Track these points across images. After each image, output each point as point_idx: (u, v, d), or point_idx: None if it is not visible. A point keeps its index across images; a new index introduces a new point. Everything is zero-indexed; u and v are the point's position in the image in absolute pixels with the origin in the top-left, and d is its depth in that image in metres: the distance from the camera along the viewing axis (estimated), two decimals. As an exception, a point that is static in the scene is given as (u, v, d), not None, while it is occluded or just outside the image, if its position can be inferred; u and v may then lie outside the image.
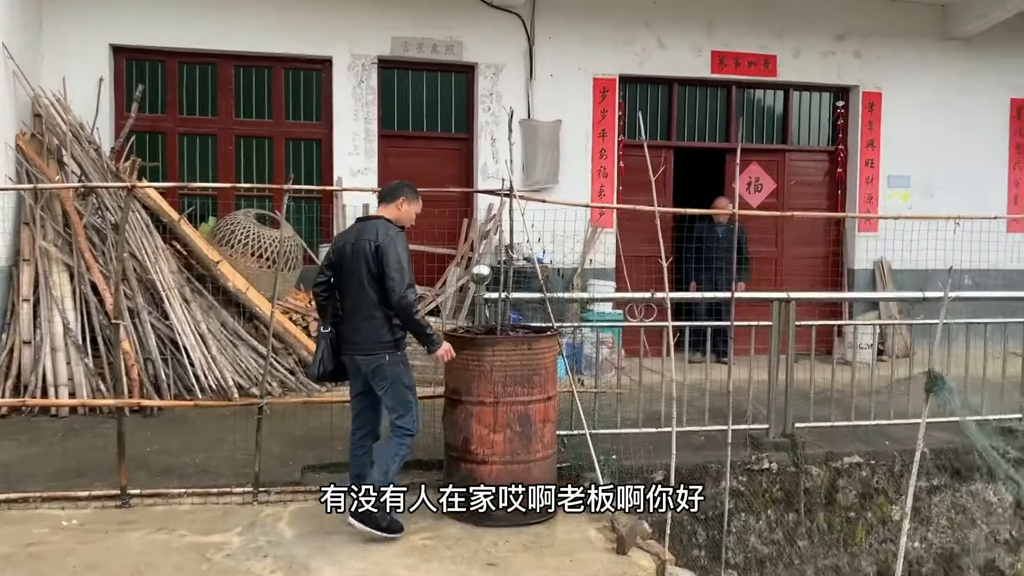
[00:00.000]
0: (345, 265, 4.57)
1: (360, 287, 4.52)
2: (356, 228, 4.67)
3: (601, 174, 9.39)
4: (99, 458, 5.48)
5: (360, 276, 4.51)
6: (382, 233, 4.55)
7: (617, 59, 9.41)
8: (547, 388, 4.90)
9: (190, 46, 8.55)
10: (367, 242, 4.51)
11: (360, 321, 4.55)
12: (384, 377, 4.61)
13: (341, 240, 4.71)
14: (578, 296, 5.82)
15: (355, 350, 4.62)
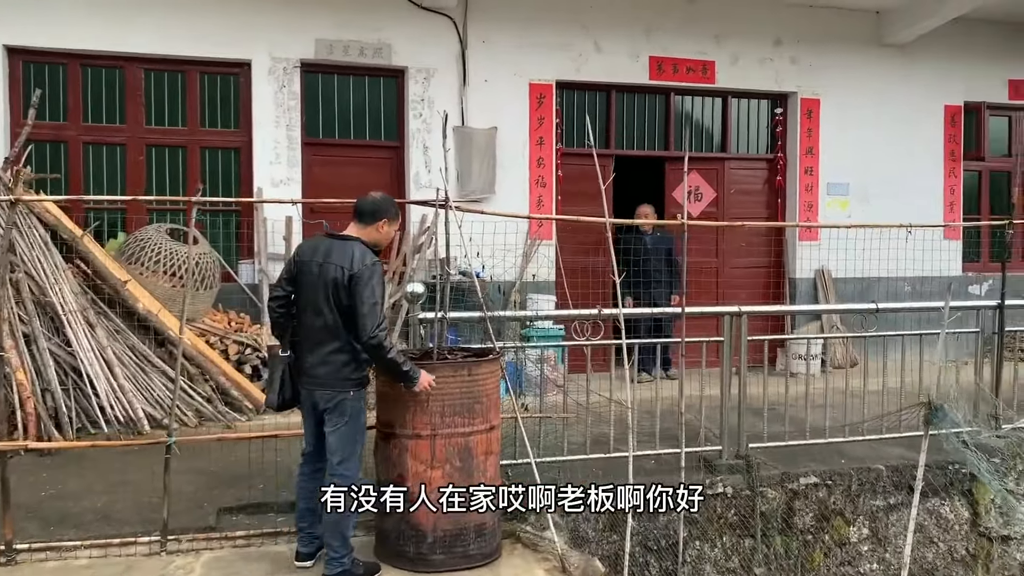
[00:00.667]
0: (307, 283, 4.06)
1: (320, 314, 4.01)
2: (326, 246, 4.07)
3: (539, 184, 9.02)
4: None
5: (320, 302, 3.99)
6: (358, 261, 3.99)
7: (554, 64, 9.07)
8: (489, 417, 4.47)
9: (95, 48, 7.88)
10: (338, 268, 3.96)
11: (326, 354, 4.03)
12: (343, 414, 4.08)
13: (307, 254, 4.11)
14: (522, 314, 5.39)
15: (314, 384, 4.09)
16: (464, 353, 4.82)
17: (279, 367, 4.16)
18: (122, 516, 4.87)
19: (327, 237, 4.15)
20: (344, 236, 4.15)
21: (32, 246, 6.75)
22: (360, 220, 4.18)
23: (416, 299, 4.94)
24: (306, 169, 8.50)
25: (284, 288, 4.17)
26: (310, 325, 4.05)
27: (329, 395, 4.05)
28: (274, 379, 4.17)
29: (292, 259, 4.18)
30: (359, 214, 4.19)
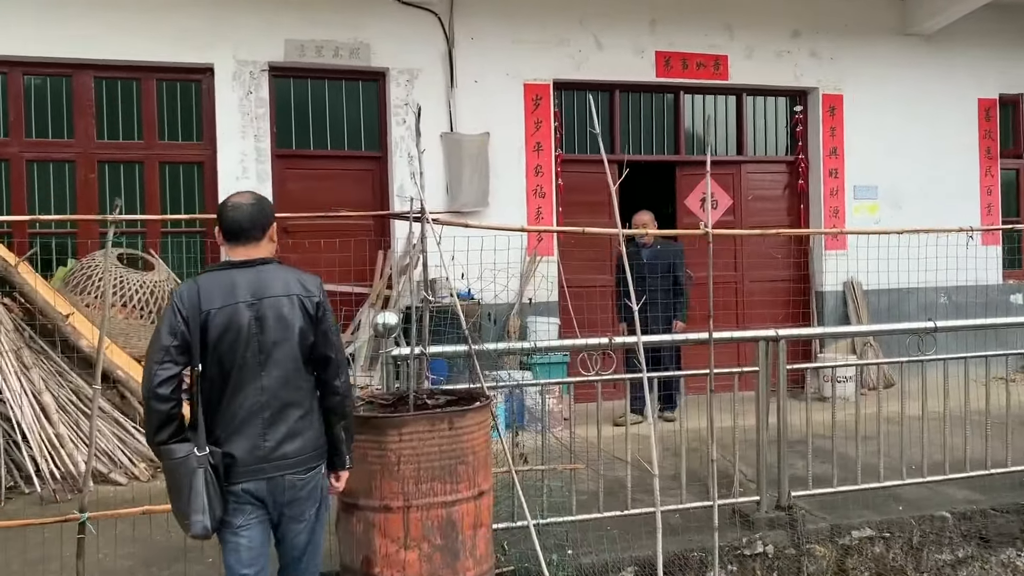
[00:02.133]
0: (240, 338, 2.85)
1: (276, 373, 2.92)
2: (247, 280, 2.90)
3: (538, 194, 8.15)
4: None
5: (275, 356, 2.91)
6: (311, 284, 3.03)
7: (550, 62, 8.22)
8: (478, 480, 3.57)
9: (39, 54, 7.05)
10: (295, 300, 2.94)
11: (294, 423, 2.95)
12: (317, 498, 3.07)
13: (218, 298, 2.85)
14: (516, 347, 4.50)
15: (284, 467, 2.93)
16: (447, 397, 3.93)
17: (198, 474, 2.78)
18: (33, 607, 3.97)
19: (230, 269, 2.96)
20: (255, 261, 2.98)
21: (-43, 277, 5.90)
22: (250, 238, 2.98)
23: (388, 332, 4.06)
24: (278, 184, 7.64)
25: (175, 362, 2.80)
26: (260, 392, 2.89)
27: (302, 479, 2.97)
28: (195, 493, 2.78)
29: (180, 316, 2.80)
30: (246, 230, 2.97)
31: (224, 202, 3.04)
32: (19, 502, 5.52)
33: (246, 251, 2.98)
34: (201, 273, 2.99)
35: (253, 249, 2.99)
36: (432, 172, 7.76)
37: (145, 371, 2.80)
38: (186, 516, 2.80)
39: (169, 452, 2.79)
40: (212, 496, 2.79)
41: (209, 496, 2.78)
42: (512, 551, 4.25)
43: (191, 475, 2.76)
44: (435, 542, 3.44)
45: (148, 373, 2.77)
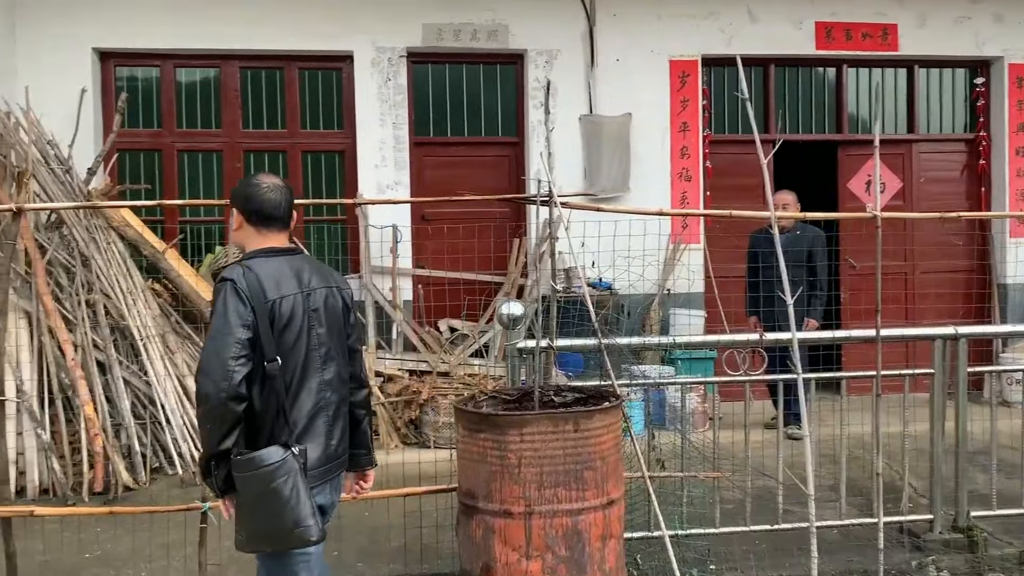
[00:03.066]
0: (301, 328, 2.64)
1: (343, 362, 2.79)
2: (296, 268, 2.69)
3: (683, 177, 7.67)
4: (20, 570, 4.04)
5: (343, 345, 2.80)
6: (339, 276, 2.92)
7: (698, 37, 7.71)
8: (607, 488, 3.24)
9: (188, 46, 7.25)
10: (338, 292, 2.80)
11: (342, 419, 2.78)
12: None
13: (284, 285, 2.61)
14: (652, 341, 4.13)
15: (340, 464, 2.80)
16: (574, 395, 3.62)
17: (300, 476, 2.52)
18: (163, 593, 3.99)
19: (279, 256, 2.70)
20: (292, 250, 2.78)
21: (110, 263, 6.12)
22: (285, 223, 2.75)
23: (512, 324, 3.79)
24: (415, 171, 7.54)
25: (250, 357, 2.50)
26: (323, 388, 2.69)
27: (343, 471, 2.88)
28: (302, 497, 2.50)
29: (248, 306, 2.51)
30: (285, 214, 2.74)
31: (256, 183, 2.73)
32: (162, 483, 5.67)
33: (280, 237, 2.74)
34: (246, 259, 2.66)
35: (285, 235, 2.76)
36: (570, 156, 7.46)
37: (216, 369, 2.43)
38: (299, 524, 2.47)
39: (258, 460, 2.45)
40: (311, 501, 2.53)
41: (311, 501, 2.52)
42: (647, 564, 3.91)
43: (294, 477, 2.48)
44: (559, 553, 3.14)
45: (222, 371, 2.42)
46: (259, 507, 2.46)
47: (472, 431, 3.27)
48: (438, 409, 6.36)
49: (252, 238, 2.72)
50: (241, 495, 2.50)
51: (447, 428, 6.33)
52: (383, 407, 6.58)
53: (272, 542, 2.53)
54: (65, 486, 5.40)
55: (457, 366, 6.87)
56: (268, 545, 2.56)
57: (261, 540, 2.54)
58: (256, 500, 2.47)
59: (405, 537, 4.45)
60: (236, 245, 2.77)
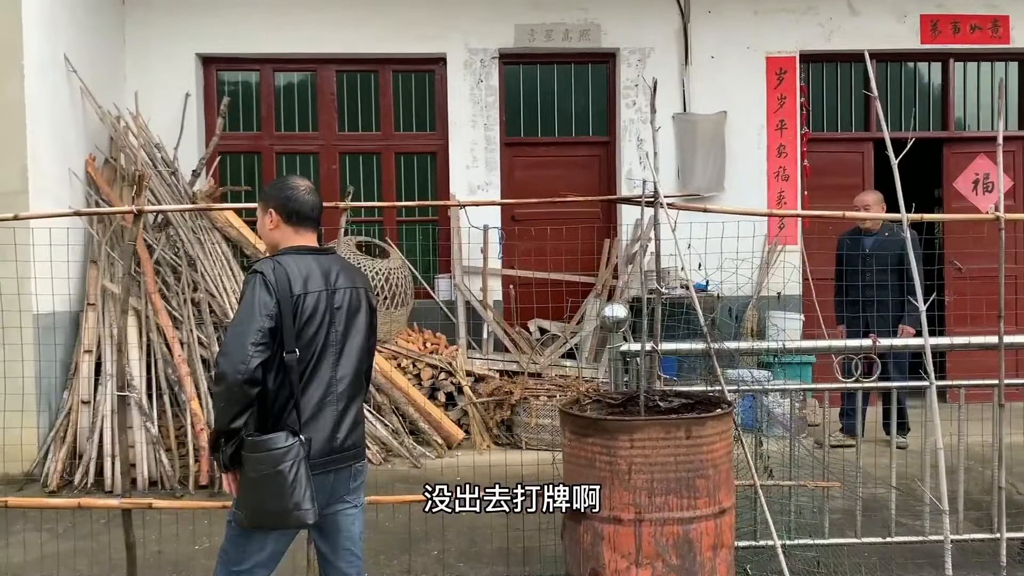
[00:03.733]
0: (322, 322, 2.75)
1: (350, 361, 2.82)
2: (325, 266, 2.80)
3: (780, 176, 7.48)
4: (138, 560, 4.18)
5: (360, 343, 2.86)
6: (366, 277, 3.06)
7: (796, 32, 7.51)
8: (719, 497, 3.17)
9: (286, 51, 7.42)
10: (363, 293, 2.89)
11: (357, 412, 2.88)
12: (365, 486, 3.00)
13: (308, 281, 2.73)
14: (762, 346, 4.03)
15: (346, 459, 2.82)
16: (681, 400, 3.55)
17: (304, 462, 2.63)
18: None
19: (309, 254, 2.81)
20: (326, 249, 2.94)
21: (215, 263, 6.31)
22: (317, 223, 2.91)
23: (616, 326, 3.75)
24: (506, 172, 7.57)
25: (270, 345, 2.62)
26: (335, 383, 2.78)
27: (359, 468, 2.91)
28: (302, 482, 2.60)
29: (274, 297, 2.64)
30: (317, 216, 2.90)
31: (293, 185, 2.86)
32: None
33: (311, 237, 2.87)
34: (278, 255, 2.78)
35: (312, 234, 2.88)
36: (663, 155, 7.34)
37: (234, 351, 2.56)
38: (297, 506, 2.59)
39: (268, 443, 2.58)
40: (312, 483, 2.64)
41: (311, 483, 2.64)
42: (755, 574, 3.81)
43: (297, 463, 2.59)
44: (670, 561, 3.09)
45: (240, 353, 2.55)
46: (263, 487, 2.59)
47: (580, 435, 3.24)
48: (530, 410, 6.35)
49: (288, 237, 2.84)
50: (248, 474, 2.63)
51: (540, 429, 6.32)
52: (475, 407, 6.61)
53: (272, 520, 2.65)
54: (173, 479, 5.59)
55: (548, 367, 6.85)
56: (267, 523, 2.67)
57: (262, 518, 2.66)
58: (261, 480, 2.59)
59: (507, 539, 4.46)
60: (269, 243, 2.88)
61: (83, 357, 5.98)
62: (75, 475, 5.65)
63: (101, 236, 6.25)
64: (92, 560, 4.33)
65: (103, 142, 6.73)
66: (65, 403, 5.95)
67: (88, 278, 6.21)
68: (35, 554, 4.44)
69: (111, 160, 6.69)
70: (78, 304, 6.21)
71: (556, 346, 6.98)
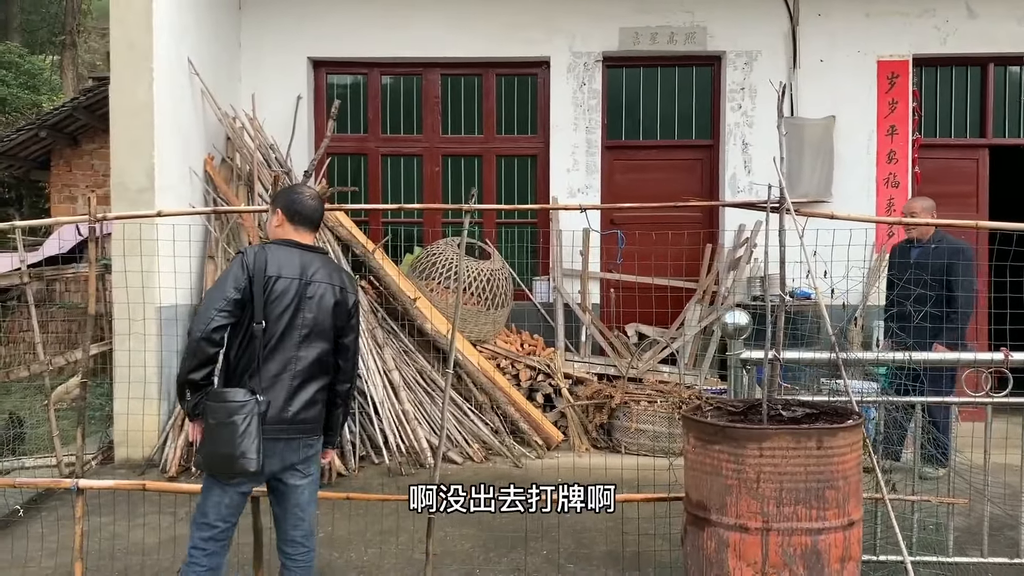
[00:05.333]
0: (290, 305, 3.11)
1: (313, 344, 3.18)
2: (306, 261, 3.17)
3: (890, 183, 7.29)
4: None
5: (315, 329, 3.18)
6: (352, 283, 3.39)
7: (910, 36, 7.32)
8: (848, 508, 3.13)
9: (393, 54, 7.60)
10: (338, 291, 3.25)
11: (315, 392, 3.21)
12: (317, 464, 3.33)
13: (282, 268, 3.11)
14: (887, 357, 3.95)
15: (296, 431, 3.14)
16: (805, 410, 3.51)
17: (255, 418, 2.98)
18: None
19: (295, 248, 3.20)
20: (315, 247, 3.29)
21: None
22: (315, 227, 3.32)
23: (738, 333, 3.73)
24: (606, 176, 7.58)
25: (234, 314, 3.04)
26: (294, 362, 3.14)
27: (309, 441, 3.23)
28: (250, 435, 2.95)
29: (246, 274, 3.07)
30: (319, 220, 3.34)
31: (300, 191, 3.30)
32: (369, 471, 5.96)
33: (306, 235, 3.26)
34: (269, 243, 3.21)
35: (310, 235, 3.28)
36: (768, 159, 7.25)
37: (202, 313, 3.01)
38: (242, 455, 2.93)
39: (225, 395, 2.98)
40: (261, 439, 2.98)
41: (260, 438, 2.98)
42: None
43: (250, 417, 2.95)
44: (797, 572, 3.06)
45: (205, 316, 2.98)
46: (218, 433, 2.96)
47: (705, 442, 3.24)
48: (631, 415, 6.34)
49: (288, 234, 3.24)
50: (208, 420, 3.00)
51: (640, 434, 6.31)
52: (573, 410, 6.64)
53: (220, 464, 3.00)
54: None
55: (646, 372, 6.83)
56: (216, 466, 3.03)
57: (212, 462, 3.02)
58: (217, 427, 2.96)
59: (609, 542, 4.48)
60: (273, 238, 3.29)
61: (201, 349, 6.23)
62: (192, 462, 5.89)
63: (218, 233, 6.51)
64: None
65: (220, 142, 7.02)
66: (184, 393, 6.21)
67: (206, 272, 6.48)
68: (163, 536, 4.66)
69: (228, 159, 6.96)
70: (196, 297, 6.47)
71: (656, 351, 6.96)
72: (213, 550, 3.14)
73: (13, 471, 5.58)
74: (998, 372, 3.87)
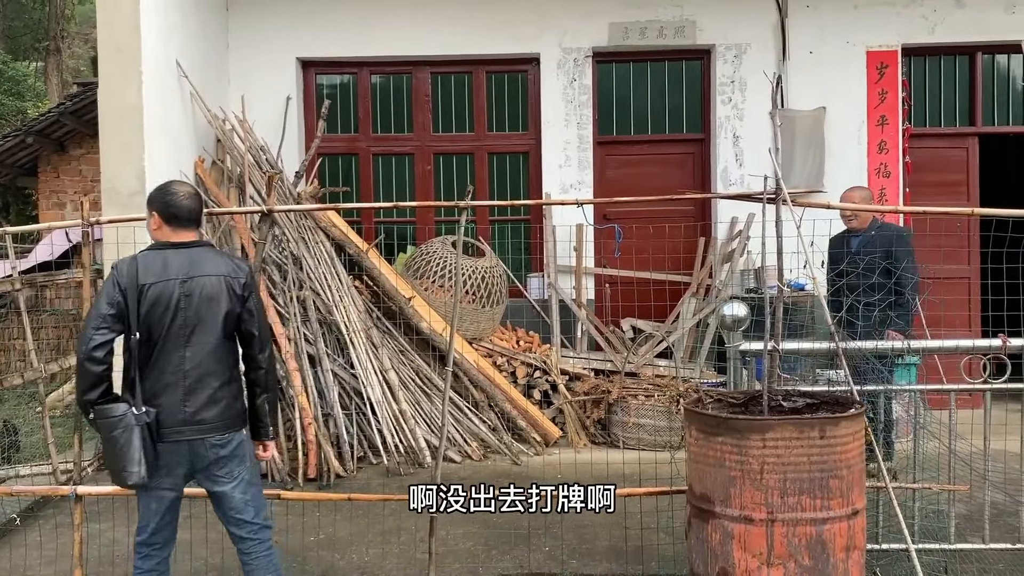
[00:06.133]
0: (169, 310, 3.05)
1: (202, 344, 3.11)
2: (180, 260, 3.10)
3: (881, 173, 7.31)
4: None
5: (216, 328, 3.13)
6: (240, 264, 3.27)
7: (898, 25, 7.34)
8: (852, 497, 3.13)
9: (382, 53, 7.57)
10: (224, 280, 3.15)
11: (215, 391, 3.13)
12: (243, 458, 3.24)
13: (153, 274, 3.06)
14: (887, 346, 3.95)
15: (204, 430, 3.11)
16: (805, 400, 3.51)
17: (135, 431, 2.99)
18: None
19: (165, 249, 3.13)
20: (190, 243, 3.18)
21: (319, 262, 6.47)
22: (191, 224, 3.19)
23: (737, 325, 3.72)
24: (598, 171, 7.57)
25: (113, 328, 3.02)
26: (182, 362, 3.09)
27: (224, 440, 3.16)
28: (132, 448, 2.98)
29: (119, 288, 3.04)
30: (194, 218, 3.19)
31: (170, 190, 3.17)
32: (368, 471, 5.94)
33: (185, 235, 3.17)
34: (143, 250, 3.19)
35: (190, 233, 3.18)
36: (759, 152, 7.27)
37: (82, 335, 3.02)
38: (123, 468, 2.98)
39: (106, 411, 2.98)
40: (147, 449, 3.00)
41: (145, 449, 2.99)
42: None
43: (129, 431, 2.97)
44: (802, 562, 3.06)
45: (85, 337, 2.99)
46: (106, 448, 3.04)
47: (708, 434, 3.24)
48: (628, 409, 6.34)
49: (167, 236, 3.17)
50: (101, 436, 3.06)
51: (638, 429, 6.31)
52: (571, 406, 6.64)
53: (113, 478, 3.09)
54: (283, 471, 5.75)
55: (643, 366, 6.83)
56: (112, 479, 3.12)
57: (111, 474, 3.10)
58: (105, 442, 3.03)
59: (611, 537, 4.48)
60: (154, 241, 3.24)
61: (196, 352, 6.19)
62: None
63: (210, 235, 6.47)
64: (216, 548, 4.49)
65: (210, 144, 6.98)
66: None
67: (199, 276, 6.43)
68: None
69: (218, 162, 6.92)
70: (189, 301, 6.43)
71: (651, 345, 6.96)
72: (146, 553, 3.20)
73: (8, 479, 5.54)
74: (996, 358, 3.88)
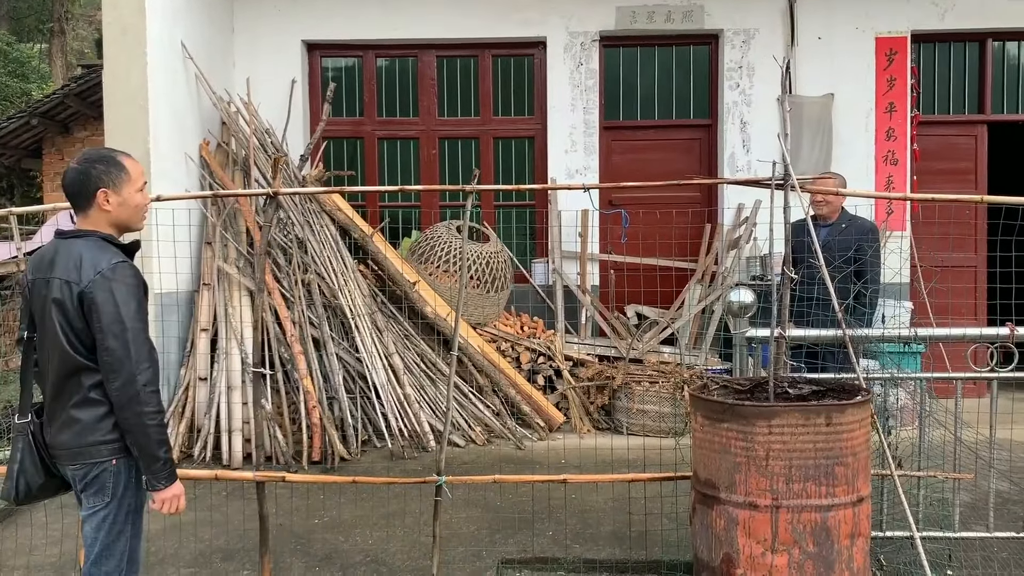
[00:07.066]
0: (36, 312, 2.66)
1: (61, 358, 2.59)
2: (51, 253, 2.65)
3: (888, 160, 7.27)
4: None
5: (55, 336, 2.58)
6: (88, 267, 2.56)
7: (908, 11, 7.27)
8: (857, 485, 3.12)
9: (388, 36, 7.52)
10: (63, 284, 2.56)
11: (72, 410, 2.60)
12: (103, 492, 2.62)
13: (35, 268, 2.68)
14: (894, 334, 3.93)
15: (62, 455, 2.65)
16: (811, 387, 3.50)
17: (16, 440, 2.70)
18: (392, 561, 4.17)
19: (57, 239, 2.70)
20: (73, 233, 2.68)
21: (324, 246, 6.46)
22: (77, 207, 2.67)
23: (743, 311, 3.71)
24: (604, 156, 7.54)
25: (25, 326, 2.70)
26: (42, 376, 2.69)
27: (81, 468, 2.61)
28: (12, 459, 2.69)
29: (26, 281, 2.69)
30: (72, 196, 2.67)
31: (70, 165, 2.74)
32: (372, 455, 5.95)
33: (79, 221, 2.69)
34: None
35: (82, 219, 2.68)
36: (767, 138, 7.23)
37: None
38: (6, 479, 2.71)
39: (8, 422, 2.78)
40: (28, 464, 2.66)
41: (22, 464, 2.66)
42: (890, 565, 3.75)
43: (17, 441, 2.71)
44: (807, 549, 3.06)
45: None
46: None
47: (714, 421, 3.23)
48: (632, 395, 6.34)
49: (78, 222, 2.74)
50: None
51: (641, 415, 6.31)
52: (574, 391, 6.64)
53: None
54: (287, 454, 5.76)
55: (647, 353, 6.82)
56: None
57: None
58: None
59: (615, 522, 4.49)
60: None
61: (199, 335, 6.20)
62: (194, 448, 5.88)
63: (215, 218, 6.46)
64: (220, 530, 4.52)
65: (215, 127, 6.95)
66: (183, 379, 6.19)
67: (203, 259, 6.43)
68: (168, 522, 4.64)
69: (223, 144, 6.90)
70: (194, 284, 6.43)
71: (656, 331, 6.94)
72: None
73: (14, 460, 5.55)
74: (1003, 347, 3.86)
